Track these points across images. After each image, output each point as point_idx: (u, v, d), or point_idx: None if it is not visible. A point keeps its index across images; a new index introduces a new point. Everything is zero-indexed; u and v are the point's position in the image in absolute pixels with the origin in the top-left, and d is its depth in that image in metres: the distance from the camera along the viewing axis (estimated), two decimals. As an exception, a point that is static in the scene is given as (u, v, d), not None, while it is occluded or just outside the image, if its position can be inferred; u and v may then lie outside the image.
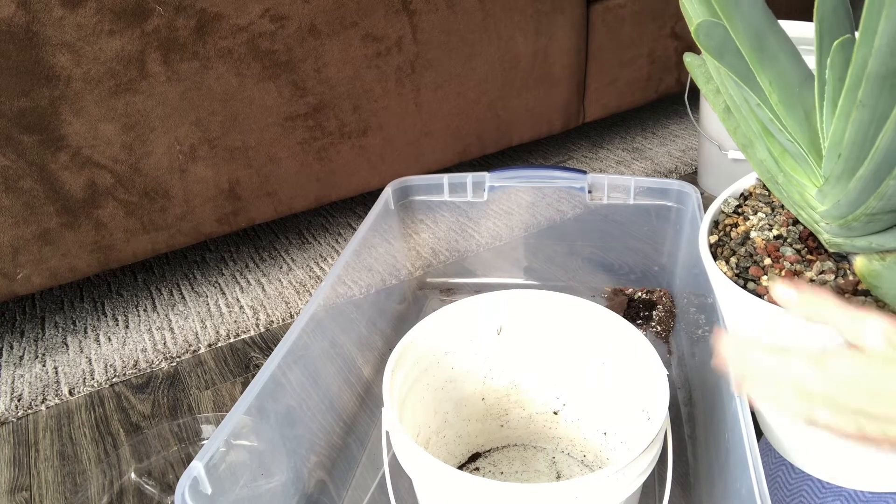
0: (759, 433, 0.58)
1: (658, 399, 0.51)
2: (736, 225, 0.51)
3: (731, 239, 0.49)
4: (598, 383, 0.64)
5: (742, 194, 0.54)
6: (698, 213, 0.79)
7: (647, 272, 0.93)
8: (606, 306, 0.69)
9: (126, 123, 0.82)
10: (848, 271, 0.43)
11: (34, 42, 0.74)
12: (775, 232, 0.48)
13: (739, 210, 0.53)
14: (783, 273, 0.44)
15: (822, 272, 0.43)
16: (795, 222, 0.49)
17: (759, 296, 0.42)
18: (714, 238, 0.50)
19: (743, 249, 0.47)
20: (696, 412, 0.71)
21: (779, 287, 0.40)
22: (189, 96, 0.85)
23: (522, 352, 0.67)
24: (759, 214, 0.51)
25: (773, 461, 0.57)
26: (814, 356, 0.38)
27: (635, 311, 0.88)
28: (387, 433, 0.54)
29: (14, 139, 0.76)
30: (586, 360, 0.64)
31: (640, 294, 0.91)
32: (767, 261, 0.45)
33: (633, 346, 0.58)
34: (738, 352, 0.42)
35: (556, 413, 0.69)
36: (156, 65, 0.82)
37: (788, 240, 0.47)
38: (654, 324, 0.86)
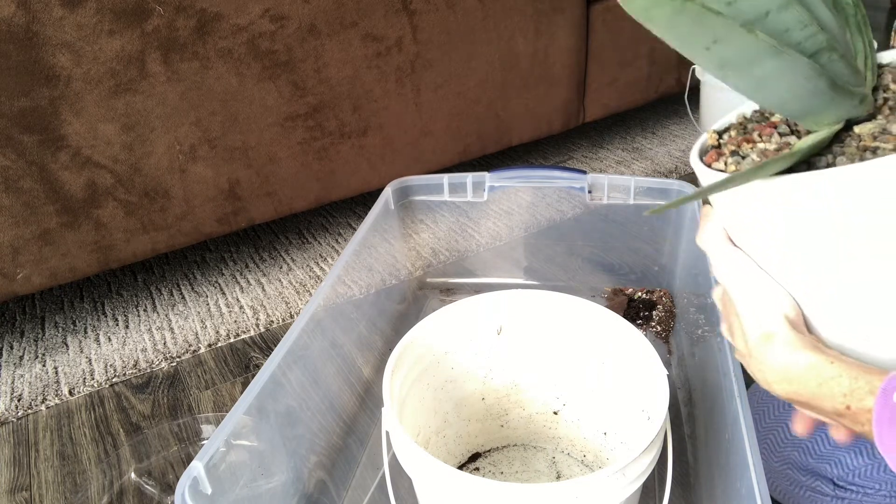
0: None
1: (658, 399, 0.51)
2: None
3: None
4: (598, 383, 0.64)
5: None
6: (698, 213, 0.79)
7: (647, 272, 0.93)
8: (606, 306, 0.69)
9: (126, 123, 0.82)
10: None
11: (34, 42, 0.74)
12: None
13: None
14: (748, 143, 0.42)
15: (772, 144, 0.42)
16: None
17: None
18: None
19: (750, 126, 0.46)
20: (696, 412, 0.71)
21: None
22: (189, 96, 0.85)
23: (522, 352, 0.67)
24: None
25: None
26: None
27: (635, 311, 0.88)
28: (387, 433, 0.54)
29: (14, 139, 0.76)
30: (586, 360, 0.64)
31: (640, 294, 0.91)
32: (756, 137, 0.43)
33: (633, 346, 0.58)
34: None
35: (556, 413, 0.69)
36: (156, 65, 0.82)
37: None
38: (654, 324, 0.86)
